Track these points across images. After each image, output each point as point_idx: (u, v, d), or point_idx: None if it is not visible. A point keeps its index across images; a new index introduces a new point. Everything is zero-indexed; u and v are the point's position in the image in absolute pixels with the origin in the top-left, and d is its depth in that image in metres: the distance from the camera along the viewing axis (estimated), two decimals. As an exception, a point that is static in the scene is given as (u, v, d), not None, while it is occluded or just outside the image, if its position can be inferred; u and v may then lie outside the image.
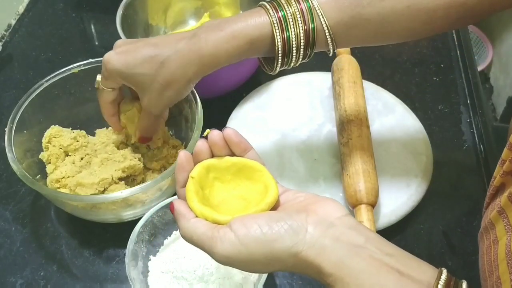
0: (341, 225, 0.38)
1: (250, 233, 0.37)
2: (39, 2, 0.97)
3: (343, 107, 0.70)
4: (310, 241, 0.37)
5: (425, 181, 0.67)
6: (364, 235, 0.38)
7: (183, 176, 0.43)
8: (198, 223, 0.40)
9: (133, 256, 0.55)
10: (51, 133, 0.65)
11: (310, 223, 0.38)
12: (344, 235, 0.38)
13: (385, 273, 0.36)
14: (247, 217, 0.39)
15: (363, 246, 0.37)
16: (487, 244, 0.48)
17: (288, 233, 0.37)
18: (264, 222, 0.38)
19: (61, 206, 0.61)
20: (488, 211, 0.51)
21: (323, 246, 0.37)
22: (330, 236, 0.37)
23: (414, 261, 0.38)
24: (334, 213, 0.39)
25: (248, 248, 0.37)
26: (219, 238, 0.38)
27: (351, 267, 0.36)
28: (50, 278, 0.60)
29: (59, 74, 0.66)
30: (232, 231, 0.38)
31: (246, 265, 0.39)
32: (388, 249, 0.38)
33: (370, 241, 0.38)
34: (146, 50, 0.52)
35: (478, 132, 0.77)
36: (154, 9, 0.86)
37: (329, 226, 0.38)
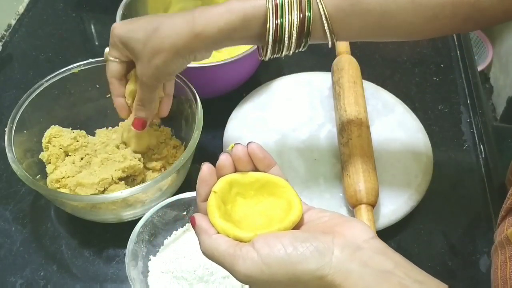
0: (369, 249, 0.37)
1: (274, 253, 0.36)
2: (39, 2, 0.97)
3: (343, 107, 0.70)
4: (336, 265, 0.36)
5: (425, 181, 0.67)
6: (393, 260, 0.36)
7: (204, 190, 0.42)
8: (220, 239, 0.39)
9: (133, 256, 0.55)
10: (51, 133, 0.65)
11: (337, 246, 0.36)
12: (372, 259, 0.36)
13: None
14: (270, 236, 0.37)
15: (392, 272, 0.35)
16: (502, 260, 0.47)
17: (313, 255, 0.36)
18: (289, 242, 0.36)
19: (61, 206, 0.61)
20: (504, 225, 0.51)
21: (350, 271, 0.35)
22: (358, 261, 0.36)
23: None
24: (362, 236, 0.37)
25: (271, 268, 0.36)
26: (241, 257, 0.37)
27: None
28: (50, 278, 0.60)
29: (59, 74, 0.66)
30: (255, 250, 0.37)
31: (267, 285, 0.37)
32: (417, 275, 0.36)
33: (398, 267, 0.36)
34: (146, 19, 0.54)
35: (478, 132, 0.77)
36: (154, 9, 0.86)
37: (356, 249, 0.36)
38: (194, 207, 0.60)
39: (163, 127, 0.71)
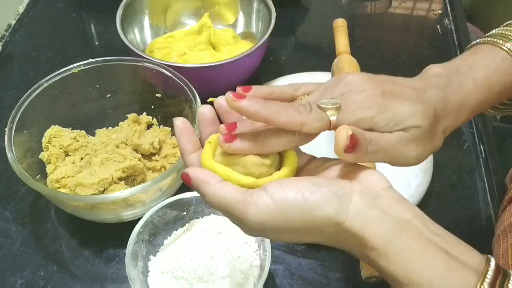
0: (388, 197, 0.35)
1: (289, 198, 0.34)
2: (39, 2, 0.97)
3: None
4: (355, 211, 0.34)
5: (425, 181, 0.67)
6: (412, 210, 0.35)
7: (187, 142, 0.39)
8: (226, 187, 0.36)
9: (133, 256, 0.55)
10: (51, 133, 0.65)
11: (356, 192, 0.35)
12: (391, 208, 0.35)
13: (432, 253, 0.33)
14: (284, 181, 0.35)
15: (411, 222, 0.34)
16: (503, 248, 0.48)
17: (332, 200, 0.34)
18: (305, 186, 0.34)
19: (61, 206, 0.61)
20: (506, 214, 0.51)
21: (369, 218, 0.34)
22: (377, 208, 0.34)
23: (462, 244, 0.35)
24: (380, 184, 0.36)
25: (287, 214, 0.34)
26: (252, 203, 0.34)
27: (397, 244, 0.33)
28: (50, 278, 0.60)
29: (59, 74, 0.66)
30: (268, 194, 0.34)
31: (280, 233, 0.35)
32: (435, 228, 0.35)
33: (417, 217, 0.35)
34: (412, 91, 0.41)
35: (478, 132, 0.77)
36: (154, 9, 0.86)
37: (375, 197, 0.35)
38: (194, 207, 0.60)
39: (163, 127, 0.72)
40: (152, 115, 0.72)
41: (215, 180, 0.36)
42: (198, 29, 0.83)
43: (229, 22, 0.88)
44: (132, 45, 0.73)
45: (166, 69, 0.67)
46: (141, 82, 0.71)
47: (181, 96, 0.66)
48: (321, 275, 0.61)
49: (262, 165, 0.37)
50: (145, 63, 0.68)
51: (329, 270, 0.61)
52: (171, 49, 0.81)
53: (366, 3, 0.93)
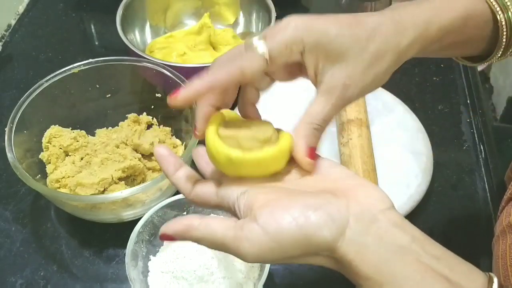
0: (385, 221, 0.33)
1: (283, 228, 0.32)
2: (39, 2, 0.97)
3: (343, 107, 0.70)
4: (350, 237, 0.32)
5: (425, 181, 0.67)
6: (410, 233, 0.34)
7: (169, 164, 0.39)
8: (212, 224, 0.34)
9: (133, 256, 0.55)
10: (51, 133, 0.65)
11: (352, 215, 0.33)
12: (388, 233, 0.33)
13: (431, 280, 0.32)
14: (276, 208, 0.33)
15: (408, 248, 0.33)
16: (503, 248, 0.47)
17: (327, 224, 0.32)
18: (299, 212, 0.33)
19: (61, 206, 0.61)
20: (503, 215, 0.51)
21: (364, 245, 0.32)
22: (373, 234, 0.33)
23: (463, 265, 0.34)
24: (379, 205, 0.34)
25: (282, 245, 0.32)
26: (244, 237, 0.33)
27: (393, 273, 0.32)
28: (50, 278, 0.60)
29: (59, 74, 0.66)
30: (260, 226, 0.33)
31: (279, 260, 0.34)
32: (435, 250, 0.34)
33: (416, 242, 0.33)
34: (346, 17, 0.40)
35: (478, 132, 0.77)
36: (154, 9, 0.86)
37: (372, 221, 0.33)
38: (194, 207, 0.60)
39: (163, 127, 0.72)
40: (152, 115, 0.72)
41: (197, 221, 0.35)
42: (198, 29, 0.83)
43: (229, 22, 0.88)
44: (132, 45, 0.73)
45: (166, 69, 0.67)
46: (141, 82, 0.71)
47: (181, 96, 0.66)
48: (321, 275, 0.61)
49: (253, 139, 0.37)
50: (145, 63, 0.68)
51: (329, 270, 0.61)
52: (171, 49, 0.81)
53: (366, 3, 0.93)
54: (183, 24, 0.89)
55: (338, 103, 0.39)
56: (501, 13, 0.44)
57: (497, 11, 0.44)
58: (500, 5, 0.44)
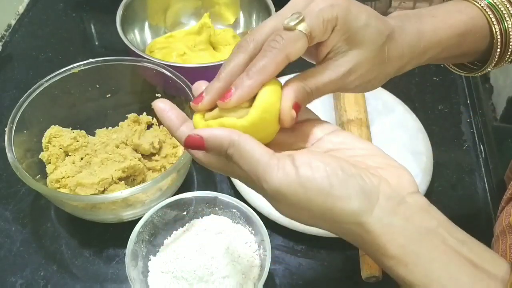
0: (413, 204, 0.33)
1: (315, 179, 0.32)
2: (39, 2, 0.97)
3: (343, 106, 0.70)
4: (378, 214, 0.32)
5: (425, 181, 0.67)
6: (436, 218, 0.34)
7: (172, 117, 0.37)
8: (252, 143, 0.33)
9: (133, 256, 0.55)
10: (51, 133, 0.65)
11: (382, 193, 0.33)
12: (415, 215, 0.33)
13: (457, 263, 0.32)
14: (314, 156, 0.33)
15: (435, 231, 0.33)
16: (502, 249, 0.47)
17: (358, 196, 0.32)
18: (333, 171, 0.32)
19: (61, 206, 0.61)
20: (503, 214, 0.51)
21: (391, 224, 0.32)
22: (401, 214, 0.33)
23: (487, 252, 0.34)
24: (408, 188, 0.34)
25: (307, 193, 0.32)
26: (277, 168, 0.32)
27: (419, 254, 0.32)
28: (50, 278, 0.60)
29: (59, 74, 0.66)
30: (295, 166, 0.32)
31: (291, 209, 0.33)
32: (460, 235, 0.34)
33: (442, 226, 0.33)
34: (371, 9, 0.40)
35: (478, 132, 0.77)
36: (154, 9, 0.86)
37: (400, 202, 0.33)
38: (194, 207, 0.60)
39: (163, 127, 0.72)
40: (152, 115, 0.72)
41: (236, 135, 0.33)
42: (198, 29, 0.83)
43: (229, 22, 0.88)
44: (132, 45, 0.73)
45: (166, 69, 0.67)
46: (141, 82, 0.71)
47: (181, 96, 0.66)
48: (321, 275, 0.61)
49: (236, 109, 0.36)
50: (145, 63, 0.68)
51: (329, 270, 0.61)
52: (171, 49, 0.81)
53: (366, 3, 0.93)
54: (183, 24, 0.89)
55: (336, 81, 0.38)
56: (496, 24, 0.45)
57: (493, 22, 0.45)
58: (496, 16, 0.45)
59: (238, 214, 0.59)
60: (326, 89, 0.38)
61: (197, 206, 0.60)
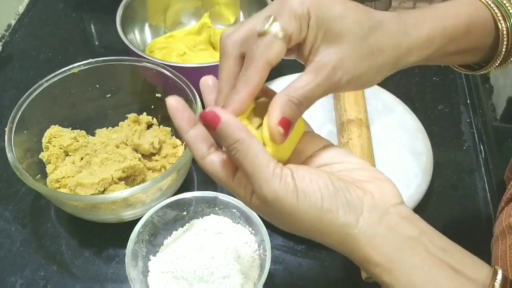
0: (396, 214, 0.35)
1: (309, 193, 0.34)
2: (39, 2, 0.97)
3: (343, 107, 0.70)
4: (362, 227, 0.34)
5: (425, 181, 0.67)
6: (419, 227, 0.35)
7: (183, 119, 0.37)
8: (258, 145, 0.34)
9: (133, 256, 0.55)
10: (51, 133, 0.65)
11: (366, 206, 0.35)
12: (398, 225, 0.35)
13: (438, 269, 0.34)
14: (309, 171, 0.35)
15: (417, 239, 0.34)
16: (502, 249, 0.47)
17: (344, 209, 0.34)
18: (325, 186, 0.34)
19: (61, 206, 0.61)
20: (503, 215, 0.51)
21: (375, 235, 0.34)
22: (385, 225, 0.34)
23: (469, 257, 0.36)
24: (391, 200, 0.36)
25: (300, 205, 0.33)
26: (279, 177, 0.33)
27: (402, 261, 0.34)
28: (50, 278, 0.60)
29: (59, 74, 0.66)
30: (293, 178, 0.34)
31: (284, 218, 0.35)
32: (442, 243, 0.35)
33: (424, 234, 0.35)
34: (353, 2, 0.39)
35: (478, 132, 0.77)
36: (154, 9, 0.86)
37: (383, 213, 0.35)
38: (194, 207, 0.60)
39: (163, 127, 0.72)
40: (152, 115, 0.72)
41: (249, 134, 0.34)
42: (198, 29, 0.83)
43: (229, 22, 0.88)
44: (132, 45, 0.73)
45: (166, 69, 0.67)
46: (141, 82, 0.71)
47: (181, 96, 0.65)
48: (321, 275, 0.61)
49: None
50: (145, 63, 0.68)
51: (329, 270, 0.61)
52: (171, 49, 0.81)
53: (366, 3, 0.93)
54: (183, 24, 0.89)
55: (323, 83, 0.37)
56: (502, 21, 0.44)
57: (499, 19, 0.44)
58: (503, 13, 0.44)
59: (238, 214, 0.59)
60: (316, 95, 0.37)
61: (197, 206, 0.60)
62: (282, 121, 0.35)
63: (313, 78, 0.36)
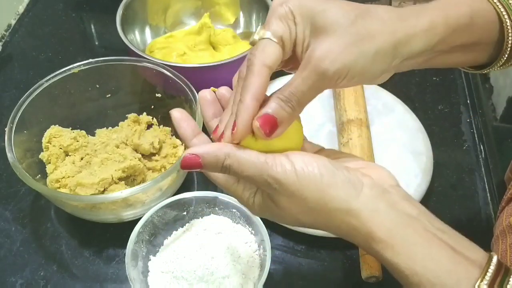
0: (395, 193, 0.36)
1: (308, 169, 0.35)
2: (39, 2, 0.97)
3: (343, 107, 0.70)
4: (364, 202, 0.35)
5: (425, 181, 0.67)
6: (417, 207, 0.36)
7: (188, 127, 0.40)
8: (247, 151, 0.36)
9: (133, 256, 0.55)
10: (51, 133, 0.65)
11: (365, 184, 0.36)
12: (398, 203, 0.36)
13: (438, 247, 0.34)
14: (305, 154, 0.36)
15: (417, 218, 0.35)
16: (502, 249, 0.48)
17: (344, 185, 0.35)
18: (323, 164, 0.35)
19: (61, 206, 0.61)
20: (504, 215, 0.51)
21: (377, 210, 0.35)
22: (385, 201, 0.35)
23: (466, 240, 0.36)
24: (388, 181, 0.37)
25: (302, 183, 0.35)
26: (274, 163, 0.35)
27: (404, 237, 0.34)
28: (50, 278, 0.60)
29: (59, 74, 0.66)
30: (289, 160, 0.35)
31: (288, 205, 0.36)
32: (440, 225, 0.36)
33: (423, 214, 0.36)
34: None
35: (478, 132, 0.77)
36: (154, 9, 0.86)
37: (383, 191, 0.36)
38: (194, 207, 0.60)
39: (163, 127, 0.72)
40: (152, 115, 0.72)
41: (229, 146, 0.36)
42: (198, 29, 0.83)
43: (229, 22, 0.88)
44: (132, 45, 0.73)
45: (166, 69, 0.67)
46: (141, 82, 0.71)
47: (181, 96, 0.66)
48: (321, 275, 0.61)
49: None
50: (145, 63, 0.68)
51: (329, 270, 0.61)
52: (171, 49, 0.81)
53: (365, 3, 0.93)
54: (183, 24, 0.89)
55: (309, 76, 0.36)
56: (507, 16, 0.43)
57: (503, 14, 0.43)
58: (506, 8, 0.43)
59: (238, 214, 0.59)
60: (305, 89, 0.36)
61: (197, 206, 0.60)
62: (265, 117, 0.36)
63: (300, 73, 0.36)
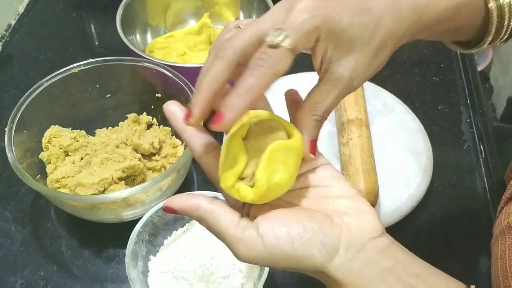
0: (372, 249, 0.36)
1: (279, 245, 0.35)
2: (39, 2, 0.97)
3: (343, 107, 0.70)
4: (338, 263, 0.36)
5: (425, 181, 0.67)
6: (393, 258, 0.37)
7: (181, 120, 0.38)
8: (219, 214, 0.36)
9: (133, 256, 0.55)
10: (51, 133, 0.65)
11: (343, 244, 0.36)
12: (373, 259, 0.36)
13: None
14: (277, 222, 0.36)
15: (390, 270, 0.36)
16: (501, 249, 0.47)
17: (320, 253, 0.35)
18: (297, 234, 0.35)
19: (61, 206, 0.61)
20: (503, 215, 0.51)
21: (350, 269, 0.36)
22: (360, 261, 0.36)
23: (443, 279, 0.37)
24: (369, 234, 0.37)
25: (274, 258, 0.35)
26: (243, 241, 0.35)
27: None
28: (50, 278, 0.60)
29: (59, 74, 0.66)
30: (259, 235, 0.35)
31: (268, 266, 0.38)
32: (416, 269, 0.36)
33: (398, 264, 0.36)
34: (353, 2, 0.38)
35: (478, 132, 0.77)
36: (154, 9, 0.86)
37: (360, 249, 0.36)
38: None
39: (163, 127, 0.72)
40: (152, 115, 0.72)
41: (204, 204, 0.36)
42: (198, 29, 0.83)
43: (229, 22, 0.88)
44: (132, 45, 0.73)
45: (166, 69, 0.67)
46: (141, 82, 0.71)
47: (181, 96, 0.66)
48: (321, 275, 0.61)
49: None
50: (145, 63, 0.68)
51: (329, 270, 0.61)
52: (171, 49, 0.81)
53: None
54: (183, 24, 0.89)
55: (341, 95, 0.38)
56: (492, 1, 0.44)
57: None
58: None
59: (238, 214, 0.59)
60: (335, 105, 0.39)
61: (197, 206, 0.60)
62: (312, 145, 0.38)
63: (332, 91, 0.38)
